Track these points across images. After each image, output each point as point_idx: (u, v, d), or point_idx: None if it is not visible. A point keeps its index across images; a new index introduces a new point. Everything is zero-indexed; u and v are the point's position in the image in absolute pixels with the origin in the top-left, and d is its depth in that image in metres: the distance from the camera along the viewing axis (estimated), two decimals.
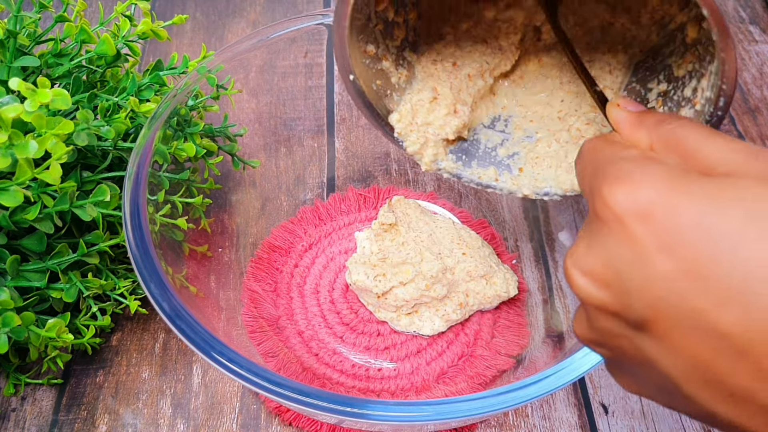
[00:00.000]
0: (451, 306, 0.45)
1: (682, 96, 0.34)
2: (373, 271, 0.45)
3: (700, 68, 0.32)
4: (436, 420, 0.29)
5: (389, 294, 0.44)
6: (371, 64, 0.37)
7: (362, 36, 0.35)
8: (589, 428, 0.42)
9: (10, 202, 0.33)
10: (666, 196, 0.19)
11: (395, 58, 0.38)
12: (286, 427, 0.42)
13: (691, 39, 0.33)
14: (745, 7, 0.72)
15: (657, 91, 0.36)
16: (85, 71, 0.43)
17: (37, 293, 0.38)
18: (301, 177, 0.53)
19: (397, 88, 0.38)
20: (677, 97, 0.34)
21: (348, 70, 0.35)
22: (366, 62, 0.36)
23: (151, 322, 0.46)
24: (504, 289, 0.45)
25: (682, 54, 0.34)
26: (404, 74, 0.38)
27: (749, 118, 0.62)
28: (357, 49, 0.35)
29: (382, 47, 0.37)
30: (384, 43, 0.37)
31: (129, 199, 0.36)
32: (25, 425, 0.42)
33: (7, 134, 0.31)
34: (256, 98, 0.48)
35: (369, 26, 0.35)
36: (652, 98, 0.36)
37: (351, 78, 0.35)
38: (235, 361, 0.30)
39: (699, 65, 0.32)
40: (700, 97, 0.32)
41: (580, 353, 0.31)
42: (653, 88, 0.36)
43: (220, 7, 0.71)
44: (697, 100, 0.32)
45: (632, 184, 0.20)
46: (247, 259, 0.48)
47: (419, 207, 0.50)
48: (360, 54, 0.35)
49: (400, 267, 0.45)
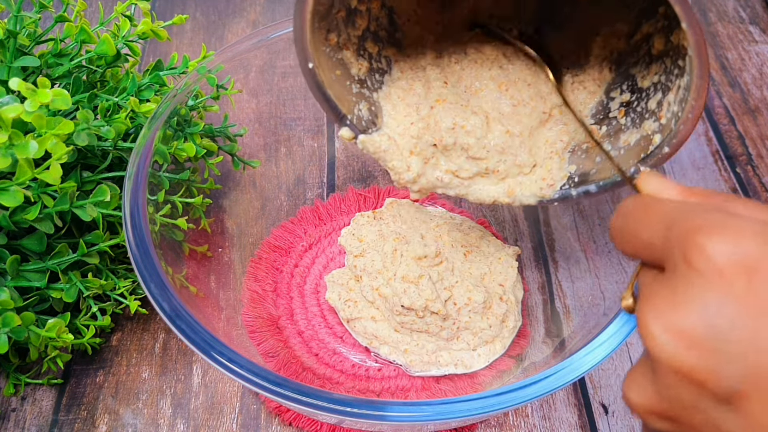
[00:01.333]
0: (442, 339, 0.43)
1: (645, 108, 0.33)
2: (347, 294, 0.45)
3: (667, 81, 0.31)
4: (436, 420, 0.29)
5: (356, 322, 0.44)
6: (331, 53, 0.35)
7: (324, 23, 0.34)
8: (589, 428, 0.42)
9: (11, 202, 0.33)
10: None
11: (356, 48, 0.37)
12: (286, 427, 0.42)
13: (657, 51, 0.32)
14: (745, 7, 0.72)
15: (620, 100, 0.36)
16: (85, 71, 0.43)
17: (37, 293, 0.38)
18: (301, 177, 0.53)
19: (356, 80, 0.37)
20: (641, 108, 0.34)
21: (307, 57, 0.34)
22: (326, 50, 0.35)
23: (151, 322, 0.46)
24: (512, 323, 0.44)
25: (647, 65, 0.34)
26: (365, 66, 0.37)
27: (749, 118, 0.62)
28: (318, 36, 0.34)
29: (343, 36, 0.36)
30: (346, 32, 0.36)
31: (129, 199, 0.36)
32: (25, 425, 0.42)
33: (7, 134, 0.31)
34: (256, 98, 0.48)
35: (331, 12, 0.34)
36: (614, 108, 0.36)
37: (310, 66, 0.34)
38: (235, 361, 0.30)
39: (665, 78, 0.32)
40: (666, 111, 0.31)
41: (580, 353, 0.31)
42: (615, 97, 0.36)
43: (220, 7, 0.71)
44: (663, 114, 0.32)
45: (734, 235, 0.18)
46: (247, 259, 0.48)
47: (413, 206, 0.50)
48: (321, 42, 0.34)
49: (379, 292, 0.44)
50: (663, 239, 0.21)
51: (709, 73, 0.27)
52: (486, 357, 0.43)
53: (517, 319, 0.45)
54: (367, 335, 0.44)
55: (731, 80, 0.65)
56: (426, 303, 0.42)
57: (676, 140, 0.30)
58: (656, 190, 0.25)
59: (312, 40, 0.33)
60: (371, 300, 0.44)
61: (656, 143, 0.32)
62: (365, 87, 0.38)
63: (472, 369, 0.43)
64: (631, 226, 0.23)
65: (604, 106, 0.37)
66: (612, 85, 0.37)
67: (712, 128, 0.61)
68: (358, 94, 0.37)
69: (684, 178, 0.57)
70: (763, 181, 0.56)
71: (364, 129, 0.37)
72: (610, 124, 0.36)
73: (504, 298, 0.44)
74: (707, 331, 0.18)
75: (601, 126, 0.36)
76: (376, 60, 0.38)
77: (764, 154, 0.59)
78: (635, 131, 0.34)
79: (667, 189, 0.25)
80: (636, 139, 0.33)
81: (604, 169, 0.35)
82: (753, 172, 0.57)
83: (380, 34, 0.38)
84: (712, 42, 0.69)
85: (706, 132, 0.60)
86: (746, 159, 0.58)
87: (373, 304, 0.44)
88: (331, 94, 0.36)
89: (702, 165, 0.58)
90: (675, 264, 0.19)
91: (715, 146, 0.59)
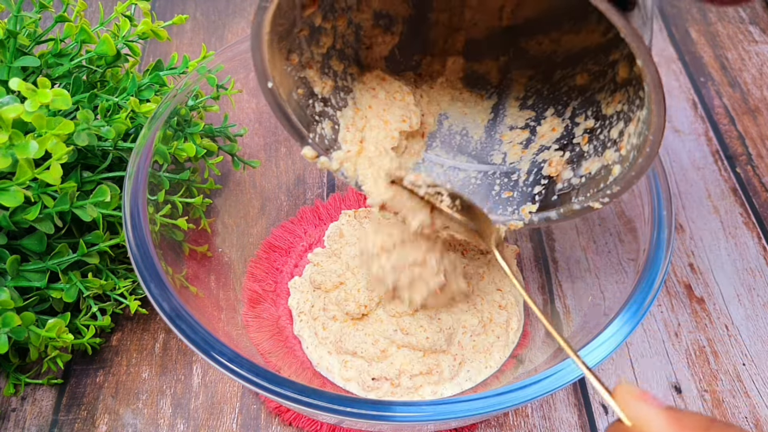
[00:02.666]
0: (445, 379, 0.42)
1: (608, 137, 0.33)
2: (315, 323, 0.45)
3: (629, 111, 0.31)
4: (436, 420, 0.29)
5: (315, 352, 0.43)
6: (293, 71, 0.34)
7: (284, 43, 0.33)
8: (589, 428, 0.42)
9: (11, 203, 0.33)
10: None
11: (320, 66, 0.36)
12: (286, 427, 0.42)
13: (622, 79, 0.32)
14: (745, 7, 0.72)
15: (584, 126, 0.35)
16: (85, 71, 0.43)
17: (37, 293, 0.38)
18: (301, 177, 0.53)
19: (320, 98, 0.36)
20: (603, 137, 0.33)
21: (266, 77, 0.33)
22: (287, 69, 0.34)
23: (151, 322, 0.46)
24: (515, 324, 0.44)
25: (612, 92, 0.33)
26: (329, 84, 0.36)
27: (749, 118, 0.62)
28: (278, 55, 0.33)
29: (306, 54, 0.35)
30: (309, 50, 0.35)
31: (129, 199, 0.36)
32: (25, 425, 0.42)
33: (7, 134, 0.31)
34: (256, 98, 0.48)
35: (293, 32, 0.33)
36: (578, 134, 0.36)
37: (269, 86, 0.33)
38: (235, 361, 0.30)
39: (628, 107, 0.31)
40: (626, 143, 0.31)
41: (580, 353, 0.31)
42: (580, 123, 0.36)
43: (220, 7, 0.71)
44: (623, 145, 0.31)
45: None
46: (247, 259, 0.48)
47: None
48: (281, 61, 0.33)
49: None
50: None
51: (665, 110, 0.26)
52: (496, 364, 0.43)
53: (519, 319, 0.45)
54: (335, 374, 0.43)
55: (731, 80, 0.65)
56: (402, 368, 0.41)
57: (632, 174, 0.30)
58: (643, 420, 0.24)
59: (271, 59, 0.32)
60: (324, 336, 0.43)
61: (615, 174, 0.32)
62: (329, 105, 0.37)
63: (482, 378, 0.43)
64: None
65: (569, 131, 0.37)
66: (577, 111, 0.36)
67: (712, 128, 0.61)
68: (322, 113, 0.37)
69: (684, 178, 0.57)
70: (763, 181, 0.56)
71: (327, 147, 0.37)
72: (574, 150, 0.36)
73: (503, 304, 0.44)
74: None
75: (565, 151, 0.36)
76: (341, 78, 0.38)
77: (764, 154, 0.59)
78: (597, 160, 0.34)
79: (654, 419, 0.23)
80: (597, 168, 0.33)
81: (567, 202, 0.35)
82: (753, 172, 0.57)
83: (346, 52, 0.37)
84: (712, 42, 0.69)
85: (706, 132, 0.60)
86: (746, 159, 0.58)
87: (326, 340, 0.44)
88: (291, 114, 0.35)
89: (702, 165, 0.58)
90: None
91: (715, 146, 0.59)
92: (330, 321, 0.44)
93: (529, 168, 0.38)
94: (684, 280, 0.50)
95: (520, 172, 0.38)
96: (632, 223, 0.38)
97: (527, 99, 0.39)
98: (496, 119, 0.41)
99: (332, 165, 0.37)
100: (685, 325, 0.47)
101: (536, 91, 0.39)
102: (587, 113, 0.35)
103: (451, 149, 0.41)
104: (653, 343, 0.46)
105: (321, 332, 0.44)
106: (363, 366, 0.42)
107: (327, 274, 0.45)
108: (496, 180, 0.39)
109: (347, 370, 0.42)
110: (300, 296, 0.47)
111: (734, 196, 0.55)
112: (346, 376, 0.42)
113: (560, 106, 0.38)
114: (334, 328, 0.44)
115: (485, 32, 0.39)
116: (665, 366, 0.45)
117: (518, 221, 0.37)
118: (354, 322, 0.43)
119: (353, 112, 0.38)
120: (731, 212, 0.54)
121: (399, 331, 0.42)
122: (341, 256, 0.46)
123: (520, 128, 0.39)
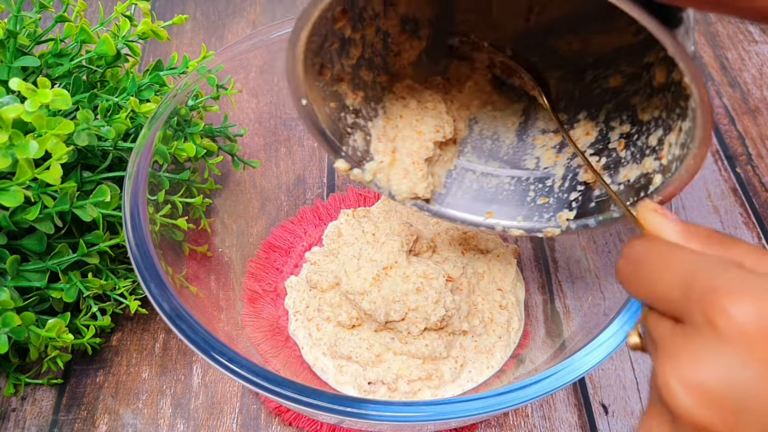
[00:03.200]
0: (446, 381, 0.42)
1: (646, 144, 0.32)
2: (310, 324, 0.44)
3: (668, 119, 0.30)
4: (436, 420, 0.29)
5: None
6: (325, 87, 0.35)
7: (317, 59, 0.33)
8: (589, 428, 0.42)
9: (11, 203, 0.33)
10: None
11: (351, 78, 0.36)
12: (286, 427, 0.42)
13: (659, 83, 0.31)
14: None
15: (619, 131, 0.35)
16: (85, 71, 0.43)
17: (37, 293, 0.38)
18: (301, 177, 0.53)
19: (351, 110, 0.36)
20: (641, 143, 0.33)
21: (300, 94, 0.33)
22: (320, 85, 0.34)
23: (151, 322, 0.46)
24: (516, 323, 0.44)
25: (647, 97, 0.33)
26: (360, 95, 0.37)
27: (749, 118, 0.62)
28: (311, 72, 0.33)
29: (337, 67, 0.35)
30: (339, 63, 0.35)
31: (129, 199, 0.36)
32: (25, 425, 0.42)
33: (7, 134, 0.31)
34: (256, 98, 0.48)
35: (324, 47, 0.33)
36: (614, 139, 0.35)
37: (303, 103, 0.33)
38: (235, 361, 0.30)
39: (666, 115, 0.31)
40: (668, 152, 0.30)
41: (580, 353, 0.31)
42: (615, 127, 0.35)
43: (220, 7, 0.71)
44: (664, 154, 0.31)
45: (758, 299, 0.19)
46: (247, 259, 0.48)
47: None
48: (313, 76, 0.33)
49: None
50: (681, 295, 0.21)
51: (711, 125, 0.26)
52: (498, 364, 0.43)
53: (520, 319, 0.45)
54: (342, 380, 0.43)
55: (731, 80, 0.65)
56: (399, 373, 0.42)
57: (671, 187, 0.29)
58: (657, 228, 0.25)
59: (305, 77, 0.32)
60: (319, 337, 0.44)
61: (656, 184, 0.31)
62: (360, 116, 0.37)
63: (484, 379, 0.43)
64: (645, 274, 0.23)
65: (604, 136, 0.36)
66: (612, 114, 0.36)
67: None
68: (353, 124, 0.37)
69: None
70: (763, 181, 0.56)
71: (360, 159, 0.37)
72: (610, 155, 0.35)
73: (503, 304, 0.44)
74: (728, 391, 0.18)
75: (600, 156, 0.35)
76: (371, 88, 0.38)
77: (764, 154, 0.59)
78: (635, 167, 0.33)
79: (668, 227, 0.25)
80: (636, 176, 0.32)
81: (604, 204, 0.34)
82: (753, 172, 0.57)
83: (375, 61, 0.37)
84: (712, 42, 0.69)
85: None
86: (746, 159, 0.58)
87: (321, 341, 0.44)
88: (326, 129, 0.35)
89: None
90: (696, 323, 0.20)
91: (715, 146, 0.59)
92: (324, 322, 0.44)
93: (564, 173, 0.37)
94: None
95: (554, 177, 0.38)
96: None
97: (559, 101, 0.38)
98: (527, 122, 0.40)
99: (365, 177, 0.37)
100: None
101: (568, 93, 0.38)
102: (622, 117, 0.35)
103: (483, 154, 0.41)
104: None
105: (315, 333, 0.44)
106: (358, 371, 0.41)
107: (324, 274, 0.44)
108: (530, 186, 0.38)
109: (342, 374, 0.42)
110: (296, 295, 0.47)
111: (734, 196, 0.55)
112: (341, 380, 0.42)
113: (593, 109, 0.37)
114: (328, 330, 0.44)
115: (513, 33, 0.38)
116: None
117: (555, 228, 0.36)
118: (349, 327, 0.43)
119: (384, 122, 0.38)
120: (731, 212, 0.54)
121: (396, 340, 0.41)
122: (338, 255, 0.46)
123: (553, 132, 0.39)
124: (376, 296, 0.40)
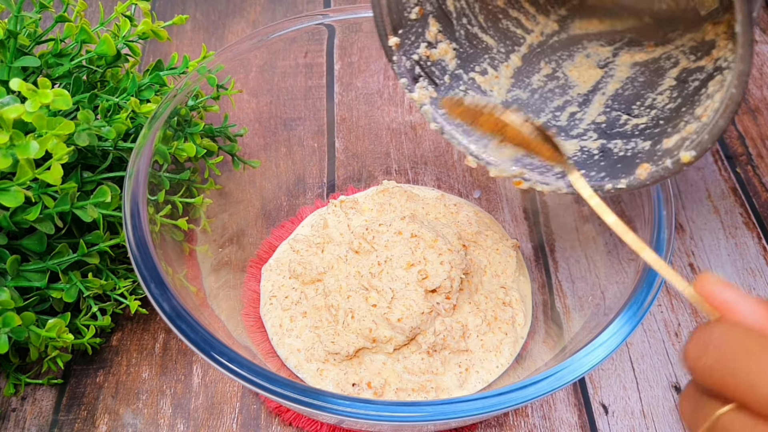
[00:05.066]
0: (455, 385, 0.41)
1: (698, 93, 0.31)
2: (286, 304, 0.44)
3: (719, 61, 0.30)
4: (436, 420, 0.29)
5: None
6: None
7: None
8: (589, 428, 0.42)
9: (11, 203, 0.33)
10: None
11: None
12: (286, 427, 0.42)
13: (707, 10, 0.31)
14: None
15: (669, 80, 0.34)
16: (86, 71, 0.43)
17: (37, 293, 0.38)
18: (301, 177, 0.53)
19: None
20: (689, 91, 0.32)
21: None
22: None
23: (151, 322, 0.46)
24: (521, 319, 0.44)
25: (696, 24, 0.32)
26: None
27: (749, 118, 0.62)
28: None
29: None
30: None
31: (129, 199, 0.36)
32: (25, 425, 0.42)
33: (8, 135, 0.31)
34: (256, 98, 0.48)
35: None
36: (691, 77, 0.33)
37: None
38: (235, 361, 0.30)
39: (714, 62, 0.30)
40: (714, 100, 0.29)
41: (580, 353, 0.31)
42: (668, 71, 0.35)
43: (220, 7, 0.72)
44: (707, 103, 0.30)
45: None
46: (247, 259, 0.48)
47: (405, 194, 0.49)
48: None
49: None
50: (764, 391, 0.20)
51: (751, 54, 0.25)
52: (507, 362, 0.42)
53: (526, 314, 0.44)
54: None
55: None
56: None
57: (711, 132, 0.28)
58: (731, 306, 0.23)
59: None
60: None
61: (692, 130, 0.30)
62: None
63: (493, 378, 0.42)
64: (738, 371, 0.21)
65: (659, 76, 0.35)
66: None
67: None
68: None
69: (684, 178, 0.57)
70: (763, 181, 0.56)
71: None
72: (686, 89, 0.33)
73: (506, 301, 0.44)
74: None
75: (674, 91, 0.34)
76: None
77: (764, 154, 0.59)
78: (708, 101, 0.31)
79: (744, 304, 0.23)
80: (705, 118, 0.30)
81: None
82: (753, 172, 0.57)
83: None
84: None
85: None
86: (746, 159, 0.58)
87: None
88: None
89: (702, 165, 0.58)
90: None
91: (715, 146, 0.59)
92: (299, 316, 0.43)
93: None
94: None
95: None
96: (632, 223, 0.38)
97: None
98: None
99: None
100: (685, 325, 0.47)
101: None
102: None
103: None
104: (653, 343, 0.46)
105: (287, 323, 0.43)
106: (339, 374, 0.41)
107: (307, 267, 0.44)
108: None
109: (323, 378, 0.41)
110: (276, 279, 0.46)
111: (734, 196, 0.55)
112: (321, 384, 0.41)
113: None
114: (300, 325, 0.43)
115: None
116: (665, 366, 0.45)
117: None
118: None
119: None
120: (731, 212, 0.54)
121: (383, 354, 0.41)
122: (324, 250, 0.46)
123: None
124: (358, 323, 0.40)
